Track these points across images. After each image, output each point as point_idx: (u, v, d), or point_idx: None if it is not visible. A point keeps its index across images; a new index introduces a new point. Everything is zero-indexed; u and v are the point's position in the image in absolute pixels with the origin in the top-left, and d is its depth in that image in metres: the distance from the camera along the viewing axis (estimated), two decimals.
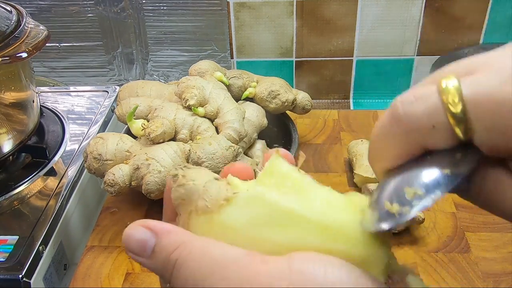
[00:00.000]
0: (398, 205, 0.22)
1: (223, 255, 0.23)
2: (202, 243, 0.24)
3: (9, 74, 0.66)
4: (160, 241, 0.26)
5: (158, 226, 0.26)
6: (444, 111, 0.22)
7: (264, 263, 0.23)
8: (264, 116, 0.70)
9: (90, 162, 0.61)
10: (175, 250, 0.25)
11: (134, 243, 0.26)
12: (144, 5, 0.93)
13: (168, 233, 0.26)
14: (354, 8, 0.91)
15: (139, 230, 0.26)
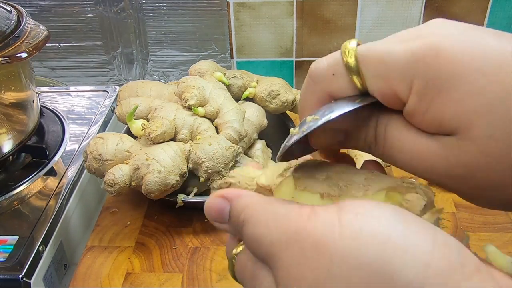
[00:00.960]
0: (298, 128, 0.28)
1: (279, 210, 0.25)
2: (264, 201, 0.27)
3: (9, 74, 0.66)
4: (232, 207, 0.28)
5: (231, 193, 0.29)
6: (343, 63, 0.27)
7: (313, 216, 0.24)
8: (264, 116, 0.70)
9: (90, 162, 0.61)
10: (241, 213, 0.27)
11: (214, 212, 0.29)
12: (144, 5, 0.93)
13: (238, 197, 0.28)
14: (354, 8, 0.91)
15: (216, 200, 0.29)
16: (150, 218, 0.67)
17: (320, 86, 0.29)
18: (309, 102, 0.29)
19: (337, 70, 0.27)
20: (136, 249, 0.62)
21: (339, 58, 0.27)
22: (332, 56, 0.28)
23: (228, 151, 0.61)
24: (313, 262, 0.22)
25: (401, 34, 0.26)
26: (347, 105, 0.27)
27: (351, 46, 0.27)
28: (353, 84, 0.27)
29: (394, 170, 0.72)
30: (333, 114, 0.27)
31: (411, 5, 0.90)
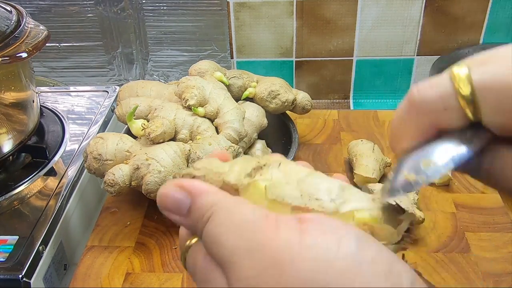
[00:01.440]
0: (415, 175, 0.25)
1: (246, 215, 0.25)
2: (233, 203, 0.26)
3: (9, 74, 0.66)
4: (195, 201, 0.27)
5: (192, 186, 0.27)
6: (455, 94, 0.25)
7: (277, 231, 0.24)
8: (264, 116, 0.70)
9: (90, 162, 0.61)
10: (209, 209, 0.26)
11: (170, 202, 0.28)
12: (144, 5, 0.93)
13: (202, 194, 0.27)
14: (354, 8, 0.91)
15: (175, 192, 0.28)
16: (150, 218, 0.67)
17: (427, 118, 0.26)
18: (409, 132, 0.27)
19: (450, 103, 0.25)
20: (136, 249, 0.62)
21: (450, 89, 0.25)
22: (441, 85, 0.25)
23: (228, 151, 0.61)
24: (269, 277, 0.23)
25: (505, 60, 0.24)
26: (464, 145, 0.25)
27: (463, 74, 0.24)
28: (465, 116, 0.25)
29: None
30: (452, 161, 0.25)
31: (411, 5, 0.90)
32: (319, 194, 0.27)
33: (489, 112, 0.24)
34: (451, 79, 0.25)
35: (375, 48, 0.95)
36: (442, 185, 0.69)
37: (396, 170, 0.27)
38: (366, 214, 0.27)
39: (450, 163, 0.25)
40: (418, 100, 0.26)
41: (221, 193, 0.27)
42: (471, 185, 0.69)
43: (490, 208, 0.65)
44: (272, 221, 0.24)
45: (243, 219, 0.25)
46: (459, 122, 0.25)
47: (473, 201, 0.66)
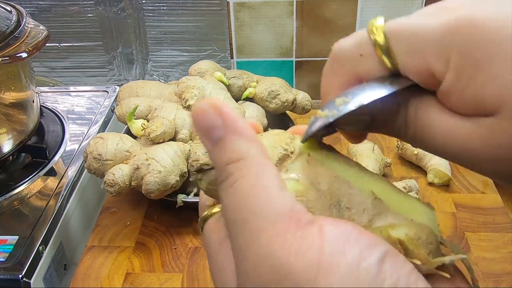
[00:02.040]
0: (328, 111, 0.26)
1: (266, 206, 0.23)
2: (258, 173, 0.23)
3: (9, 74, 0.66)
4: (226, 139, 0.24)
5: (231, 118, 0.25)
6: (370, 42, 0.25)
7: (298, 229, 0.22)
8: (264, 116, 0.70)
9: (90, 162, 0.61)
10: (235, 162, 0.24)
11: (202, 121, 0.25)
12: (144, 5, 0.93)
13: (237, 135, 0.24)
14: (354, 8, 0.91)
15: (209, 113, 0.25)
16: (150, 218, 0.67)
17: (346, 67, 0.27)
18: (334, 85, 0.28)
19: (365, 50, 0.26)
20: (136, 249, 0.62)
21: (365, 37, 0.25)
22: (357, 35, 0.26)
23: None
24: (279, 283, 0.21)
25: (428, 9, 0.24)
26: (380, 88, 0.25)
27: (379, 23, 0.25)
28: (383, 64, 0.25)
29: (394, 170, 0.72)
30: (366, 98, 0.25)
31: (411, 5, 0.90)
32: (351, 202, 0.25)
33: (403, 58, 0.24)
34: (367, 29, 0.25)
35: None
36: (442, 185, 0.69)
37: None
38: (401, 233, 0.24)
39: (360, 100, 0.25)
40: (337, 51, 0.27)
41: (254, 145, 0.24)
42: (471, 185, 0.69)
43: (490, 208, 0.65)
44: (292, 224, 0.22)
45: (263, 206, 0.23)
46: (378, 69, 0.25)
47: (473, 201, 0.66)
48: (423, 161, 0.71)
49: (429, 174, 0.69)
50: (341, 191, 0.25)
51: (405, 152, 0.72)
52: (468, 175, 0.71)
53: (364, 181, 0.26)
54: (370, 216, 0.24)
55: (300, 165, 0.26)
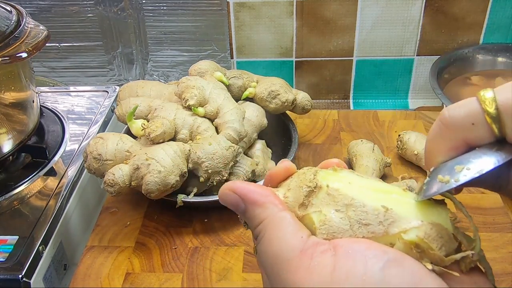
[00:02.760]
0: (449, 177, 0.30)
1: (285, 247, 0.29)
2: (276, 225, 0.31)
3: (9, 74, 0.66)
4: (248, 209, 0.32)
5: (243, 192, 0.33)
6: (482, 112, 0.29)
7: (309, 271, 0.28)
8: (264, 116, 0.70)
9: (90, 162, 0.61)
10: (257, 227, 0.31)
11: (227, 202, 0.33)
12: (144, 5, 0.93)
13: (253, 205, 0.32)
14: (354, 8, 0.91)
15: (230, 196, 0.33)
16: (150, 218, 0.67)
17: (456, 134, 0.30)
18: (442, 148, 0.31)
19: (477, 120, 0.29)
20: (136, 249, 0.62)
21: (477, 108, 0.29)
22: (469, 106, 0.29)
23: (228, 151, 0.61)
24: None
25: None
26: (495, 156, 0.29)
27: (489, 96, 0.29)
28: (492, 132, 0.29)
29: (394, 170, 0.72)
30: (485, 166, 0.29)
31: (411, 5, 0.90)
32: (367, 219, 0.29)
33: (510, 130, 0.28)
34: (478, 100, 0.29)
35: (375, 48, 0.95)
36: None
37: (431, 177, 0.31)
38: (413, 236, 0.28)
39: (481, 168, 0.29)
40: (449, 119, 0.30)
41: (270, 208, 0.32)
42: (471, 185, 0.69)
43: (490, 208, 0.65)
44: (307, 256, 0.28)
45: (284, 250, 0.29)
46: (487, 137, 0.29)
47: (473, 201, 0.66)
48: (423, 161, 0.71)
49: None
50: (357, 211, 0.30)
51: (405, 152, 0.72)
52: None
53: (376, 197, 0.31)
54: (385, 226, 0.29)
55: (322, 197, 0.31)
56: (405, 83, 0.99)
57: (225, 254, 0.61)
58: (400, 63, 0.97)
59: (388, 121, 0.82)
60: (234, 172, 0.64)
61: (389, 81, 0.99)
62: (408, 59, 0.96)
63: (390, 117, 0.83)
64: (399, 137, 0.73)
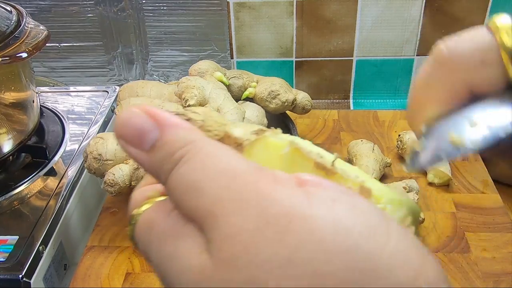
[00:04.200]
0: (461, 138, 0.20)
1: (233, 163, 0.20)
2: (216, 147, 0.21)
3: (9, 74, 0.66)
4: (165, 135, 0.21)
5: (164, 116, 0.21)
6: (496, 46, 0.20)
7: (275, 184, 0.19)
8: (264, 116, 0.70)
9: (90, 162, 0.61)
10: (182, 148, 0.20)
11: (130, 130, 0.21)
12: (144, 5, 0.93)
13: (176, 128, 0.21)
14: (354, 8, 0.91)
15: (140, 117, 0.21)
16: None
17: (458, 76, 0.22)
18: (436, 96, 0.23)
19: (488, 56, 0.21)
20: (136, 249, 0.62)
21: (491, 42, 0.21)
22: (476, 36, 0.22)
23: None
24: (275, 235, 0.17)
25: None
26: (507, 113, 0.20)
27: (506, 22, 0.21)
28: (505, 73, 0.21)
29: (394, 170, 0.72)
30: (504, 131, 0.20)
31: (411, 5, 0.90)
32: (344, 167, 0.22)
33: None
34: (491, 29, 0.21)
35: (375, 48, 0.95)
36: (442, 185, 0.69)
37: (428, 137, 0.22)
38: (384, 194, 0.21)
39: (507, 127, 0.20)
40: (448, 55, 0.22)
41: (199, 133, 0.21)
42: (471, 185, 0.69)
43: (490, 208, 0.65)
44: (270, 176, 0.19)
45: (231, 164, 0.19)
46: (497, 81, 0.21)
47: (473, 201, 0.66)
48: None
49: (429, 174, 0.69)
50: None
51: (405, 152, 0.72)
52: (468, 175, 0.71)
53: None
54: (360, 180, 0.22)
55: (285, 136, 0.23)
56: (405, 83, 0.99)
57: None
58: (400, 63, 0.97)
59: (388, 121, 0.82)
60: None
61: (389, 81, 0.99)
62: (408, 59, 0.96)
63: (390, 117, 0.83)
64: (399, 137, 0.73)
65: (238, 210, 0.18)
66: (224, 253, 0.18)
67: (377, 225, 0.18)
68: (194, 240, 0.19)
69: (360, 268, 0.17)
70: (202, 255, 0.18)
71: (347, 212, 0.18)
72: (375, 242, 0.17)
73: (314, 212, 0.18)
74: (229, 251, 0.18)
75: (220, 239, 0.18)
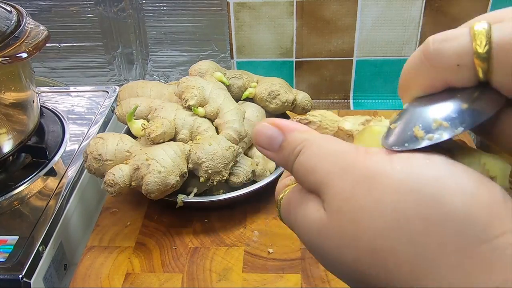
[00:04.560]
0: (424, 132, 0.25)
1: (336, 147, 0.27)
2: (323, 139, 0.28)
3: (9, 74, 0.66)
4: (287, 137, 0.29)
5: (285, 124, 0.29)
6: (471, 52, 0.24)
7: (368, 155, 0.26)
8: (264, 116, 0.70)
9: (90, 162, 0.61)
10: (299, 145, 0.28)
11: (263, 138, 0.30)
12: (144, 5, 0.93)
13: (294, 131, 0.29)
14: (354, 8, 0.91)
15: (269, 128, 0.29)
16: (150, 218, 0.67)
17: (438, 73, 0.25)
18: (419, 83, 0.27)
19: (464, 61, 0.24)
20: (136, 249, 0.62)
21: (468, 47, 0.24)
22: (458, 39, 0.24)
23: (228, 151, 0.61)
24: (361, 190, 0.24)
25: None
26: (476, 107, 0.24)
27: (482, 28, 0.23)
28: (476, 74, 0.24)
29: None
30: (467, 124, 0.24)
31: (411, 5, 0.90)
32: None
33: (502, 73, 0.23)
34: (471, 34, 0.24)
35: (375, 48, 0.95)
36: None
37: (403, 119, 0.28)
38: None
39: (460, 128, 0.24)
40: (433, 53, 0.25)
41: (312, 131, 0.29)
42: None
43: None
44: (362, 151, 0.26)
45: (334, 148, 0.27)
46: (471, 80, 0.25)
47: None
48: None
49: None
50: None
51: None
52: None
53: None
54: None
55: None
56: None
57: (225, 254, 0.61)
58: (400, 63, 0.97)
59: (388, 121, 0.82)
60: (234, 172, 0.64)
61: (389, 81, 0.99)
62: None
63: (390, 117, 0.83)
64: None
65: (340, 177, 0.25)
66: (333, 206, 0.25)
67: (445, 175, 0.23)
68: (314, 202, 0.27)
69: (423, 202, 0.23)
70: (320, 211, 0.26)
71: (420, 167, 0.24)
72: (438, 187, 0.23)
73: (392, 167, 0.24)
74: (336, 205, 0.25)
75: (329, 198, 0.26)
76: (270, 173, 0.68)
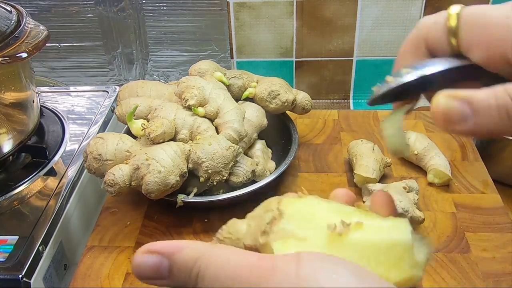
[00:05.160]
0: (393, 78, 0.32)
1: (240, 262, 0.24)
2: (220, 252, 0.25)
3: (9, 74, 0.66)
4: (174, 260, 0.26)
5: (166, 246, 0.26)
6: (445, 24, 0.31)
7: (273, 270, 0.23)
8: (264, 116, 0.70)
9: (90, 162, 0.61)
10: (195, 264, 0.25)
11: (147, 270, 0.26)
12: (144, 5, 0.93)
13: (181, 250, 0.26)
14: (354, 8, 0.91)
15: (148, 258, 0.26)
16: (150, 218, 0.67)
17: (420, 32, 0.32)
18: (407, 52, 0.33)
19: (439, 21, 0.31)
20: (136, 249, 0.62)
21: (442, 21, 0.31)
22: (441, 14, 0.32)
23: (228, 151, 0.61)
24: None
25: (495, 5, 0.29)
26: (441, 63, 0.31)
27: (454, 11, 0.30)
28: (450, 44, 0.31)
29: (394, 170, 0.72)
30: (427, 70, 0.31)
31: (411, 5, 0.90)
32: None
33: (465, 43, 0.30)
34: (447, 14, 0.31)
35: (375, 48, 0.95)
36: (442, 185, 0.69)
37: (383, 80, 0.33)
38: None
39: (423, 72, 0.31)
40: (421, 21, 0.33)
41: (202, 245, 0.26)
42: (471, 185, 0.69)
43: (490, 208, 0.65)
44: (267, 260, 0.24)
45: (236, 267, 0.24)
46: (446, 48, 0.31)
47: (473, 201, 0.66)
48: (423, 161, 0.71)
49: (429, 174, 0.69)
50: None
51: None
52: (468, 175, 0.71)
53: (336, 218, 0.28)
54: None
55: (284, 225, 0.29)
56: None
57: None
58: None
59: None
60: (234, 172, 0.64)
61: None
62: None
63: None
64: None
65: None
66: None
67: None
68: None
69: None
70: None
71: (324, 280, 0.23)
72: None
73: (300, 282, 0.23)
74: None
75: None
76: (270, 173, 0.68)
